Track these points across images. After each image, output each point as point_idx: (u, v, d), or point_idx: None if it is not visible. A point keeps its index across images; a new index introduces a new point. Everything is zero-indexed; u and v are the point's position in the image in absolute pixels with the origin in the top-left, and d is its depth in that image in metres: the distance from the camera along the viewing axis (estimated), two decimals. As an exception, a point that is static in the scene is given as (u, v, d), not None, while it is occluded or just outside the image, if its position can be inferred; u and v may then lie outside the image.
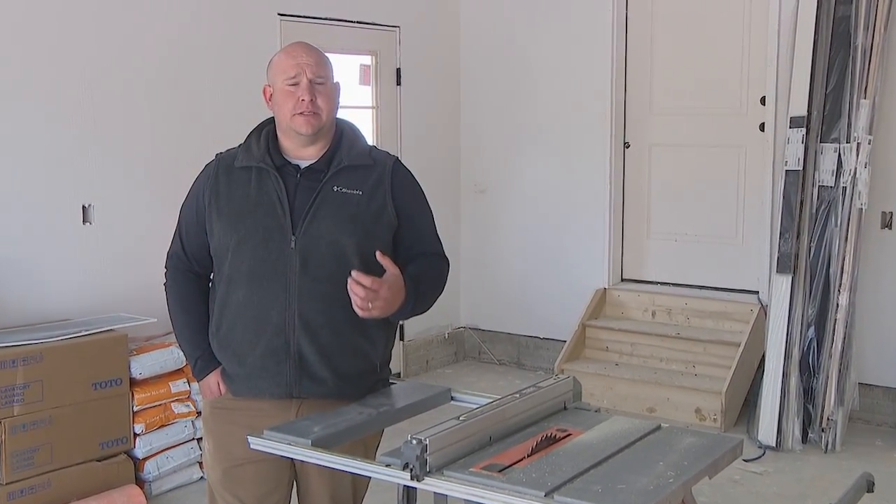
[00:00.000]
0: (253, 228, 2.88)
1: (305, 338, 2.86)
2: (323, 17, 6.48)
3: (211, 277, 3.06)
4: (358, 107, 6.90)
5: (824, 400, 5.67)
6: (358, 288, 2.72)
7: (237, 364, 2.94)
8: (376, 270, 2.80)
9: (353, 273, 2.73)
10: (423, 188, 3.11)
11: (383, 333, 3.01)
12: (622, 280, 7.19)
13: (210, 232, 2.96)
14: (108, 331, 4.86)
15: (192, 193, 3.05)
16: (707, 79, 6.69)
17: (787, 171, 5.78)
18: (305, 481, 3.02)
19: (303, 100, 2.87)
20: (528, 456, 2.42)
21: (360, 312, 2.76)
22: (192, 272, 3.08)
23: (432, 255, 3.07)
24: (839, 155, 5.68)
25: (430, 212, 3.11)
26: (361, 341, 2.93)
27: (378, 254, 2.81)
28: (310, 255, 2.85)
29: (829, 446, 5.64)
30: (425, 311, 3.01)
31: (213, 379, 3.01)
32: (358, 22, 6.76)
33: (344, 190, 2.91)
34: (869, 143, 5.62)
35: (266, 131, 3.01)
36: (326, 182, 2.91)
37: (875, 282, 5.96)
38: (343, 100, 3.03)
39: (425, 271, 2.98)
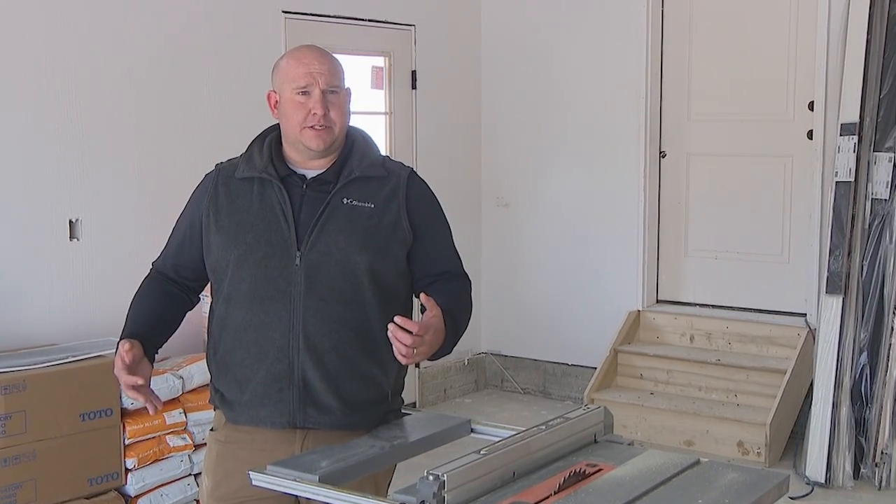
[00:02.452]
0: (254, 243, 2.88)
1: (310, 362, 2.85)
2: (332, 14, 6.51)
3: (189, 295, 3.11)
4: (369, 112, 6.92)
5: (878, 432, 5.65)
6: (403, 335, 2.67)
7: (238, 390, 2.93)
8: (388, 290, 2.82)
9: (397, 318, 2.68)
10: (440, 201, 3.10)
11: (395, 359, 2.99)
12: (657, 301, 7.18)
13: (207, 247, 2.97)
14: (97, 357, 4.85)
15: (188, 205, 3.07)
16: (750, 82, 6.68)
17: (837, 182, 5.77)
18: (310, 520, 3.01)
19: (315, 113, 2.87)
20: (555, 493, 2.41)
21: (403, 360, 2.74)
22: (169, 280, 3.10)
23: (452, 275, 3.06)
24: (894, 165, 5.66)
25: (448, 227, 3.11)
26: (371, 367, 2.92)
27: (423, 296, 2.80)
28: (316, 272, 2.85)
29: (884, 482, 5.61)
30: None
31: (126, 345, 2.83)
32: (370, 20, 6.78)
33: (355, 202, 2.90)
34: (927, 152, 5.62)
35: (270, 139, 3.01)
36: (335, 194, 2.91)
37: (935, 303, 5.93)
38: (353, 105, 3.02)
39: (456, 301, 2.96)
